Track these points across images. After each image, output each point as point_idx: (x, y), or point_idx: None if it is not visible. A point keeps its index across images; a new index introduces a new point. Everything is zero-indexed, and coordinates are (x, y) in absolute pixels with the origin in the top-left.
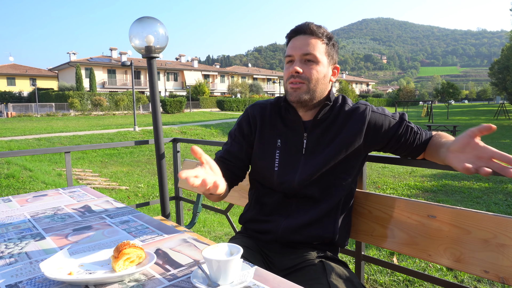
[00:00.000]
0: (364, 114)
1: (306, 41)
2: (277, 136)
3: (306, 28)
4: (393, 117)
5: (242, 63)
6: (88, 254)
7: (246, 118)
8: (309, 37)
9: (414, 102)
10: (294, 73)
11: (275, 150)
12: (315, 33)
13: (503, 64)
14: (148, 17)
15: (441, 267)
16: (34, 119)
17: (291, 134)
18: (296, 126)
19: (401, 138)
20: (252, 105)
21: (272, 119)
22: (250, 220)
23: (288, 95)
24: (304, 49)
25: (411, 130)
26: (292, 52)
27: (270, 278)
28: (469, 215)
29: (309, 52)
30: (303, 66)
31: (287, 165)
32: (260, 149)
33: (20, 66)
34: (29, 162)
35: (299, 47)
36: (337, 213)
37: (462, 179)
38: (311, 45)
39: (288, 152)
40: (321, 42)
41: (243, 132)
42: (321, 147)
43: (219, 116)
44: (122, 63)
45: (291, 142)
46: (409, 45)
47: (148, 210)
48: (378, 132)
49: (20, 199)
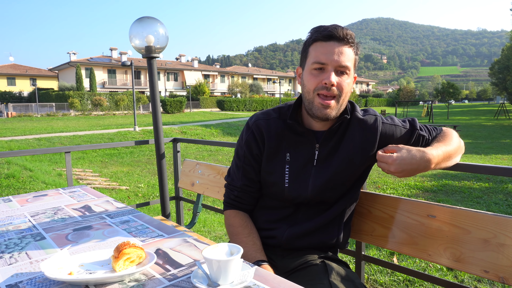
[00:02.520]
0: (376, 125)
1: (341, 49)
2: (285, 150)
3: (342, 34)
4: (403, 126)
5: (242, 63)
6: (88, 254)
7: (253, 137)
8: (344, 45)
9: (414, 102)
10: (328, 85)
11: (285, 165)
12: (349, 40)
13: (503, 64)
14: (148, 17)
15: (441, 267)
16: (34, 119)
17: (301, 146)
18: (306, 137)
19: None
20: (255, 122)
21: (279, 134)
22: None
23: (315, 110)
24: (341, 60)
25: (423, 138)
26: (326, 60)
27: (270, 278)
28: (469, 215)
29: (345, 64)
30: (336, 77)
31: (297, 179)
32: (268, 165)
33: (20, 66)
34: (29, 162)
35: (335, 55)
36: (342, 218)
37: (462, 179)
38: (346, 56)
39: (298, 164)
40: (353, 52)
41: (252, 152)
42: (333, 158)
43: (219, 116)
44: (122, 63)
45: (301, 154)
46: (409, 45)
47: (148, 210)
48: (390, 143)
49: (20, 199)
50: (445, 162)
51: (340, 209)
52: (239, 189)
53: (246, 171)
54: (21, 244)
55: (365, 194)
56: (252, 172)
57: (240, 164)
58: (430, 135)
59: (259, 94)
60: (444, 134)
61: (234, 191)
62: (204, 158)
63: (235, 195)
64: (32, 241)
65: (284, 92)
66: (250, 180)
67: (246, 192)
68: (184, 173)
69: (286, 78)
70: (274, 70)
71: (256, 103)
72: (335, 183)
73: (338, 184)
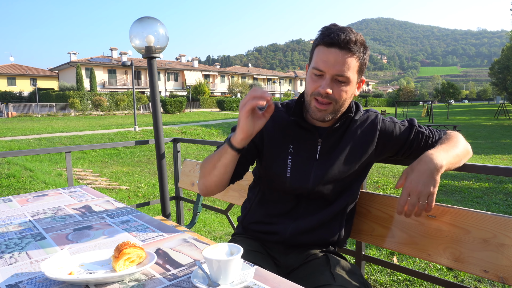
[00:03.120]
0: (375, 122)
1: (341, 58)
2: (289, 142)
3: (343, 42)
4: (402, 124)
5: (242, 63)
6: (89, 254)
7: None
8: (345, 54)
9: (414, 102)
10: (323, 94)
11: (287, 156)
12: (352, 49)
13: (503, 64)
14: (149, 17)
15: (441, 267)
16: (35, 119)
17: (304, 139)
18: (310, 132)
19: (413, 143)
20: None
21: (284, 125)
22: (255, 222)
23: (311, 112)
24: (338, 69)
25: (422, 134)
26: (324, 69)
27: (270, 277)
28: (469, 215)
29: (343, 73)
30: (333, 85)
31: (299, 171)
32: (271, 155)
33: (21, 66)
34: (29, 162)
35: (333, 64)
36: (343, 216)
37: (462, 179)
38: (346, 65)
39: (301, 157)
40: (356, 60)
41: (254, 138)
42: (334, 154)
43: (220, 116)
44: (122, 63)
45: (304, 147)
46: (409, 45)
47: (148, 210)
48: (390, 140)
49: (20, 199)
50: (454, 163)
51: (341, 206)
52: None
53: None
54: (21, 244)
55: (364, 194)
56: (247, 155)
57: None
58: (431, 134)
59: None
60: (449, 137)
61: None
62: (204, 158)
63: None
64: (32, 241)
65: (284, 92)
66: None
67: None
68: (184, 173)
69: (286, 78)
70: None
71: None
72: (335, 177)
73: (338, 179)
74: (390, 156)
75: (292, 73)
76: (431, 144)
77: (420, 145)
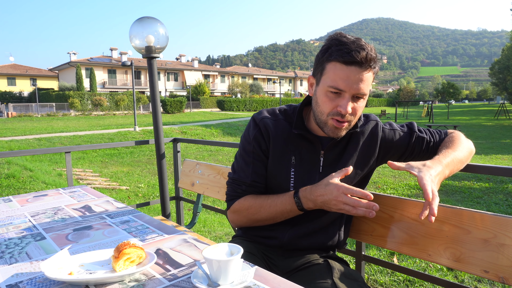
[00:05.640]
0: (376, 132)
1: (362, 76)
2: (291, 153)
3: (364, 59)
4: (401, 130)
5: (242, 63)
6: (89, 254)
7: (259, 133)
8: (364, 71)
9: (414, 102)
10: (344, 113)
11: (290, 168)
12: (371, 65)
13: (503, 64)
14: (148, 17)
15: (442, 267)
16: (35, 119)
17: (307, 150)
18: (312, 143)
19: (414, 150)
20: (261, 119)
21: (285, 136)
22: (254, 227)
23: (327, 130)
24: (360, 87)
25: (422, 140)
26: (345, 88)
27: (270, 278)
28: (469, 215)
29: (364, 92)
30: (352, 103)
31: (303, 184)
32: (274, 167)
33: (21, 66)
34: (29, 162)
35: (353, 83)
36: (342, 220)
37: (462, 179)
38: (366, 82)
39: (304, 169)
40: (372, 74)
41: (261, 147)
42: (338, 165)
43: (220, 116)
44: (122, 63)
45: (306, 159)
46: (409, 45)
47: (148, 210)
48: (390, 149)
49: (20, 199)
50: (456, 169)
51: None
52: (247, 185)
53: (256, 166)
54: (21, 244)
55: None
56: (262, 167)
57: (249, 160)
58: (432, 137)
59: (259, 94)
60: (451, 139)
61: (242, 186)
62: (204, 158)
63: (243, 189)
64: (32, 241)
65: (284, 92)
66: (260, 176)
67: (254, 187)
68: (184, 173)
69: (286, 78)
70: (274, 70)
71: (256, 103)
72: None
73: None
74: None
75: (292, 73)
76: (432, 148)
77: (421, 150)
